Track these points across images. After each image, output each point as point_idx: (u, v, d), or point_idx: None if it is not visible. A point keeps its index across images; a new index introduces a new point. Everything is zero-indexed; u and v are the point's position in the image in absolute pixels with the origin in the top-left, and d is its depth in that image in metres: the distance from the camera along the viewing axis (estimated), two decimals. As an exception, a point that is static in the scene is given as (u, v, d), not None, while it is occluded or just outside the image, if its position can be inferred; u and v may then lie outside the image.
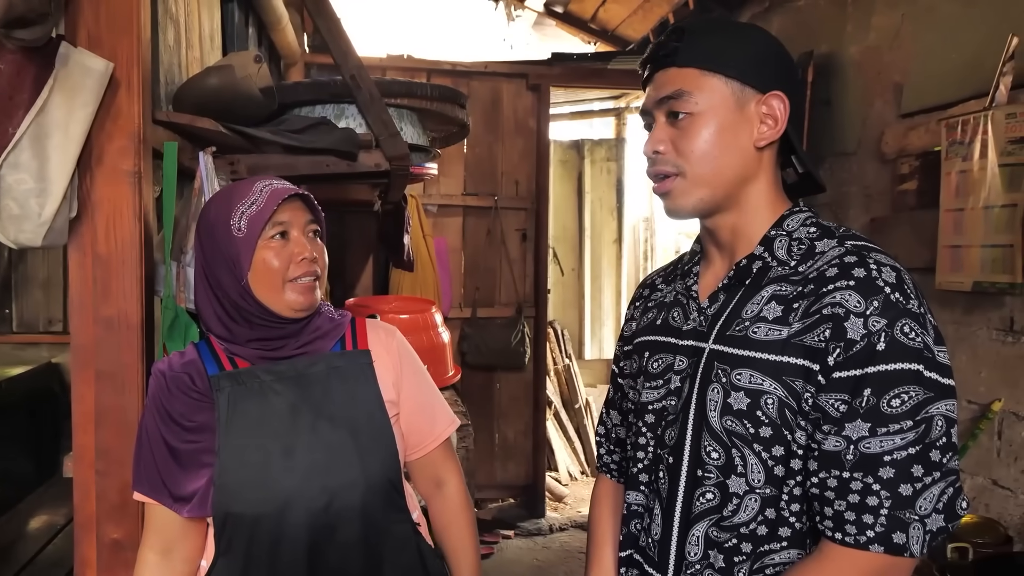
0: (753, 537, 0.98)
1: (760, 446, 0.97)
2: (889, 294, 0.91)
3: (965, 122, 2.41)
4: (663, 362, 1.10)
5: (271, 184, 1.25)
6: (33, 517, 2.79)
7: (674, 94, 1.02)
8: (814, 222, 1.04)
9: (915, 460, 0.88)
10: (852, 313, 0.91)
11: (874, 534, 0.89)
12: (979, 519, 2.42)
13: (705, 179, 1.02)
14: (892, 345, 0.89)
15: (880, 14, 3.00)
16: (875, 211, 3.00)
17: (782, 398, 0.95)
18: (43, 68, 1.31)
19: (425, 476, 1.43)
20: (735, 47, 1.01)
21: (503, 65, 4.45)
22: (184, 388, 1.25)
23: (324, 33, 2.07)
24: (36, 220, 1.33)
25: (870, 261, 0.95)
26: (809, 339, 0.94)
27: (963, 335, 2.58)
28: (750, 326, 0.99)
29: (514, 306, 4.51)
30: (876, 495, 0.89)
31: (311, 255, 1.24)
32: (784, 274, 1.01)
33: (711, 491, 1.00)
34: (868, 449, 0.89)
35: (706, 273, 1.12)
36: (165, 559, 1.28)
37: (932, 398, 0.89)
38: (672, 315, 1.13)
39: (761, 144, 1.02)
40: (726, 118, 1.01)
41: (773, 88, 1.01)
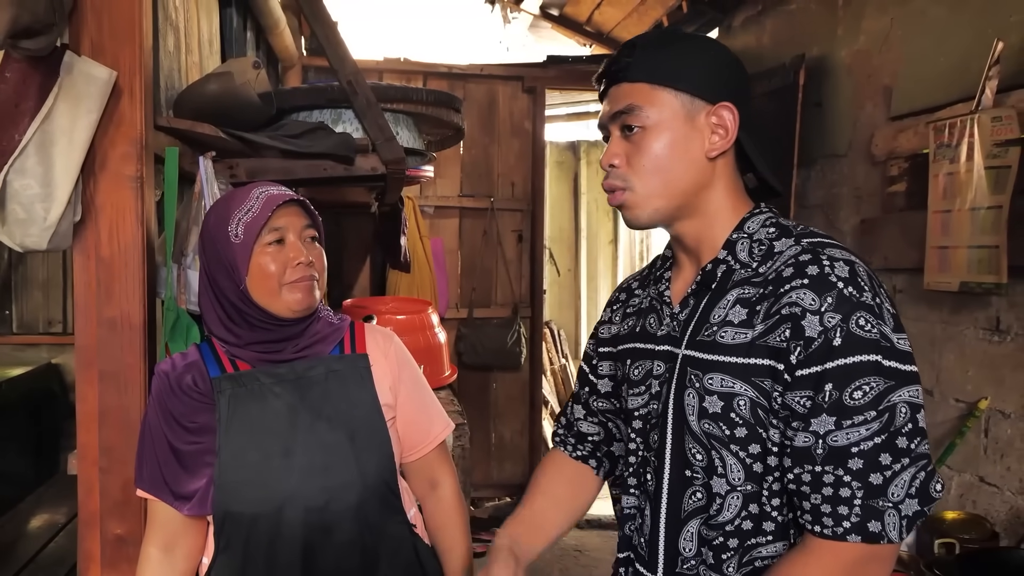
0: (739, 532, 1.01)
1: (737, 446, 1.00)
2: (842, 289, 0.93)
3: (952, 125, 2.45)
4: (643, 368, 1.13)
5: (267, 191, 1.29)
6: (34, 516, 2.82)
7: (626, 108, 1.05)
8: (774, 222, 1.06)
9: (882, 449, 0.90)
10: (808, 311, 0.93)
11: (850, 524, 0.91)
12: (966, 515, 2.46)
13: (656, 191, 1.05)
14: (848, 339, 0.91)
15: (870, 18, 3.04)
16: (865, 212, 3.04)
17: (753, 399, 0.98)
18: (48, 76, 1.35)
19: (420, 478, 1.46)
20: (684, 61, 1.04)
21: (499, 67, 4.48)
22: (186, 389, 1.28)
23: (321, 39, 2.10)
24: (41, 224, 1.37)
25: (823, 258, 0.97)
26: (772, 340, 0.96)
27: (951, 334, 2.62)
28: (718, 330, 1.02)
29: (510, 307, 4.54)
30: (848, 486, 0.91)
31: (307, 259, 1.27)
32: (746, 276, 1.03)
33: (699, 491, 1.03)
34: (836, 442, 0.91)
35: (677, 278, 1.14)
36: (167, 555, 1.31)
37: (893, 386, 0.91)
38: (648, 321, 1.15)
39: (713, 154, 1.05)
40: (677, 130, 1.03)
41: (722, 99, 1.04)
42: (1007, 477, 2.41)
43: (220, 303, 1.29)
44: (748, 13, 3.97)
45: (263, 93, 1.95)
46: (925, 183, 2.57)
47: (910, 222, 2.70)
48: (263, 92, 1.95)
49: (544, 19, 5.31)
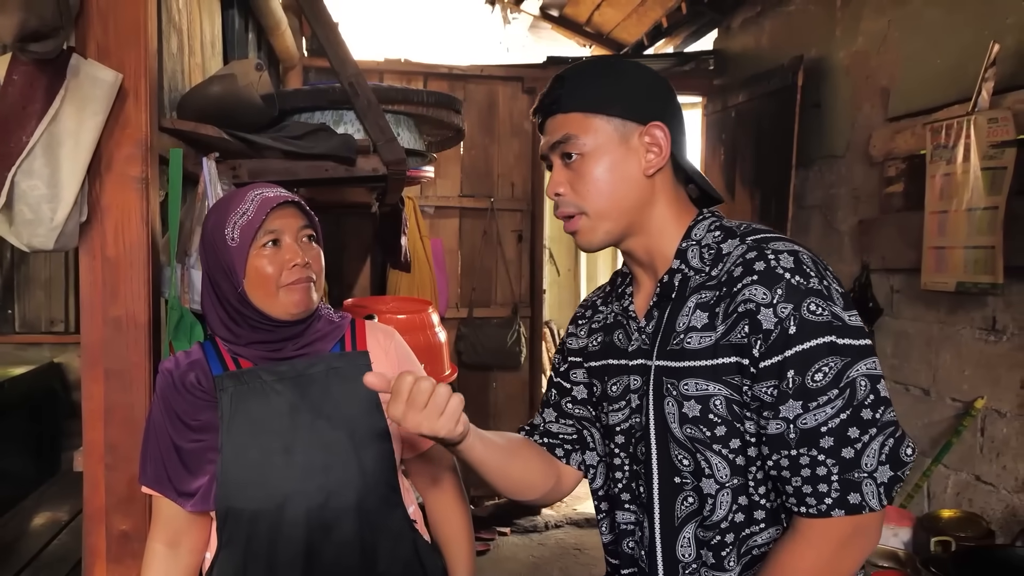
0: (734, 526, 1.05)
1: (719, 445, 1.03)
2: (789, 279, 0.98)
3: (949, 126, 2.47)
4: (621, 384, 1.16)
5: (262, 193, 1.29)
6: (36, 514, 2.83)
7: (563, 139, 1.09)
8: (718, 226, 1.11)
9: (849, 424, 0.95)
10: (762, 305, 0.98)
11: (832, 500, 0.95)
12: (962, 514, 2.48)
13: (605, 213, 1.10)
14: (802, 325, 0.96)
15: (868, 19, 3.05)
16: (863, 213, 3.06)
17: (727, 396, 1.02)
18: (54, 79, 1.36)
19: (422, 474, 1.47)
20: (612, 87, 1.09)
21: (499, 68, 4.50)
22: (189, 387, 1.30)
23: (322, 40, 2.12)
24: (48, 224, 1.39)
25: (768, 252, 1.01)
26: (734, 337, 1.01)
27: (947, 334, 2.64)
28: (684, 337, 1.06)
29: (510, 306, 4.56)
30: (823, 465, 0.95)
31: (303, 261, 1.27)
32: (702, 281, 1.07)
33: (691, 495, 1.06)
34: (805, 424, 0.96)
35: (638, 293, 1.18)
36: (172, 550, 1.33)
37: (850, 362, 0.95)
38: (616, 337, 1.19)
39: (650, 172, 1.09)
40: (614, 153, 1.08)
41: (652, 119, 1.08)
42: (1003, 476, 2.43)
43: (221, 304, 1.30)
44: (747, 14, 3.98)
45: (265, 95, 1.97)
46: (922, 184, 2.59)
47: (907, 223, 2.72)
48: (265, 94, 1.97)
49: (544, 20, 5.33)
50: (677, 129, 1.11)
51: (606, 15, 4.92)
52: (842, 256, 3.18)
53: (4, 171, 1.33)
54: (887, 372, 2.94)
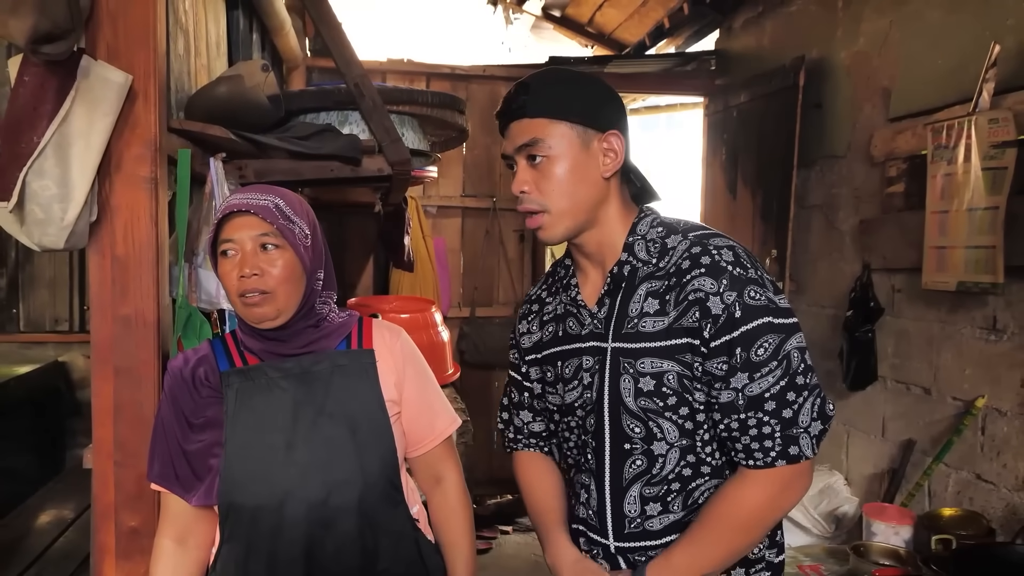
0: (680, 478, 1.21)
1: (670, 412, 1.19)
2: (732, 271, 1.14)
3: (950, 127, 2.48)
4: (573, 365, 1.28)
5: (228, 200, 1.29)
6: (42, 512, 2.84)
7: (530, 142, 1.20)
8: (659, 222, 1.25)
9: (787, 389, 1.12)
10: (710, 294, 1.14)
11: (776, 453, 1.13)
12: (963, 512, 2.50)
13: (566, 211, 1.21)
14: (745, 309, 1.12)
15: (869, 20, 3.07)
16: (864, 213, 3.07)
17: (679, 372, 1.17)
18: (65, 80, 1.38)
19: (425, 473, 1.48)
20: (575, 97, 1.21)
21: (501, 68, 4.51)
22: (197, 383, 1.31)
23: (328, 41, 2.13)
24: (59, 224, 1.40)
25: (711, 248, 1.17)
26: (686, 322, 1.16)
27: (948, 333, 2.66)
28: (639, 322, 1.20)
29: (512, 305, 4.57)
30: (768, 424, 1.12)
31: (251, 272, 1.24)
32: (650, 271, 1.22)
33: (640, 459, 1.21)
34: (751, 392, 1.13)
35: (585, 283, 1.30)
36: (180, 546, 1.35)
37: (785, 338, 1.13)
38: (568, 325, 1.31)
39: (607, 174, 1.22)
40: (575, 157, 1.20)
41: (610, 127, 1.21)
42: (1003, 474, 2.44)
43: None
44: (748, 15, 4.00)
45: (272, 95, 1.98)
46: (923, 184, 2.60)
47: (908, 222, 2.73)
48: (272, 95, 1.98)
49: (546, 20, 5.34)
50: (627, 135, 1.25)
51: (608, 15, 4.93)
52: (843, 256, 3.20)
53: (16, 171, 1.35)
54: (888, 371, 2.95)
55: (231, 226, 1.26)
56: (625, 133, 1.24)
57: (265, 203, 1.26)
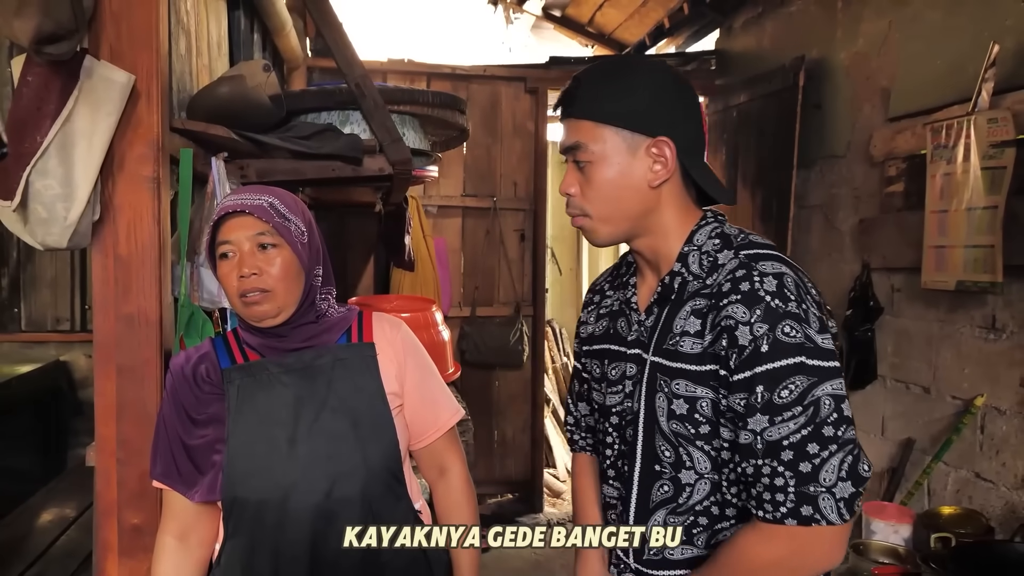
0: (707, 513, 1.13)
1: (702, 442, 1.10)
2: (769, 302, 1.03)
3: (949, 126, 2.48)
4: (619, 370, 1.23)
5: (223, 202, 1.30)
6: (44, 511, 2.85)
7: (574, 145, 1.14)
8: (718, 233, 1.15)
9: (809, 440, 1.00)
10: (740, 323, 1.04)
11: (786, 510, 1.01)
12: (962, 510, 2.50)
13: (608, 219, 1.15)
14: (774, 345, 1.01)
15: (868, 21, 3.07)
16: (864, 212, 3.08)
17: (713, 400, 1.08)
18: (68, 80, 1.39)
19: (429, 464, 1.49)
20: (624, 98, 1.11)
21: (502, 68, 4.52)
22: (199, 380, 1.32)
23: (329, 42, 2.14)
24: (62, 223, 1.41)
25: (754, 274, 1.06)
26: (716, 348, 1.07)
27: (947, 333, 2.66)
28: (679, 340, 1.12)
29: (512, 305, 4.58)
30: (782, 476, 1.01)
31: (250, 271, 1.25)
32: (698, 288, 1.12)
33: (667, 484, 1.14)
34: (770, 437, 1.01)
35: (641, 285, 1.24)
36: (182, 543, 1.36)
37: (816, 382, 1.00)
38: (619, 324, 1.25)
39: (655, 183, 1.13)
40: (620, 164, 1.12)
41: (661, 132, 1.11)
42: (1002, 473, 2.45)
43: None
44: (748, 15, 4.00)
45: (273, 95, 1.99)
46: (922, 184, 2.60)
47: (907, 222, 2.74)
48: (273, 94, 1.99)
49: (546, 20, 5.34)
50: (689, 136, 1.14)
51: (608, 15, 4.94)
52: (843, 255, 3.20)
53: (19, 171, 1.35)
54: (888, 370, 2.96)
55: (227, 228, 1.27)
56: (686, 132, 1.13)
57: (259, 202, 1.27)
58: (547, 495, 4.72)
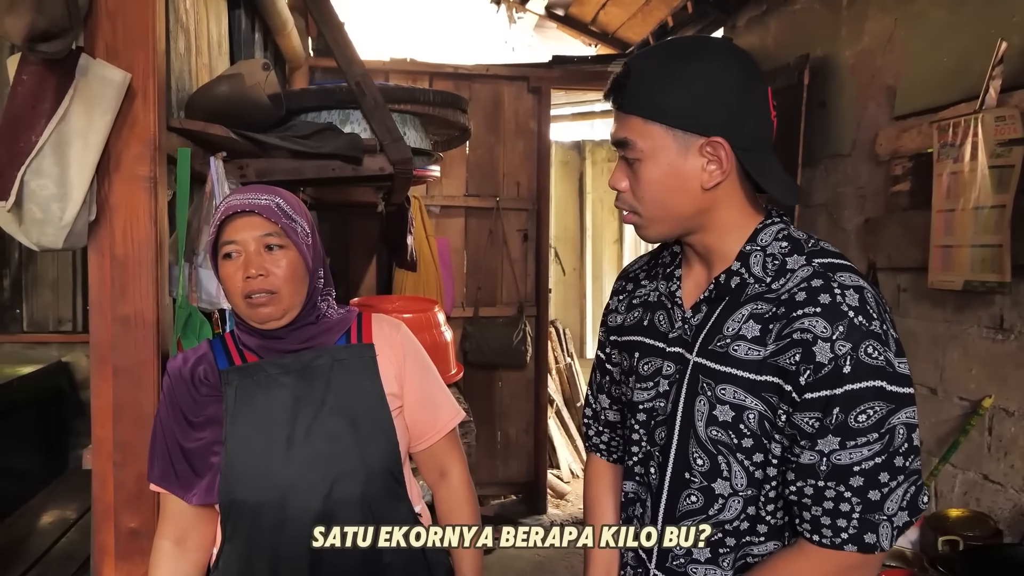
0: (736, 532, 1.07)
1: (742, 455, 1.05)
2: (853, 318, 0.97)
3: (956, 124, 2.46)
4: (652, 366, 1.16)
5: (227, 202, 1.28)
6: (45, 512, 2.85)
7: (622, 141, 1.07)
8: (785, 235, 1.08)
9: (882, 468, 0.96)
10: (820, 338, 0.97)
11: (847, 536, 0.98)
12: (970, 513, 2.47)
13: (658, 219, 1.09)
14: (857, 366, 0.96)
15: (873, 19, 3.05)
16: (869, 211, 3.05)
17: (762, 412, 1.02)
18: (64, 79, 1.37)
19: (430, 466, 1.47)
20: (676, 93, 1.02)
21: (504, 68, 4.50)
22: (196, 382, 1.31)
23: (329, 41, 2.12)
24: (57, 224, 1.39)
25: (834, 286, 1.00)
26: (782, 360, 1.00)
27: (954, 333, 2.64)
28: (731, 343, 1.05)
29: (516, 305, 4.56)
30: (848, 502, 0.97)
31: (257, 272, 1.24)
32: (760, 292, 1.05)
33: (695, 494, 1.08)
34: (839, 461, 0.97)
35: (687, 279, 1.16)
36: (179, 547, 1.34)
37: (894, 409, 0.96)
38: (658, 317, 1.18)
39: (709, 185, 1.04)
40: (671, 164, 1.04)
41: (716, 131, 1.02)
42: (1011, 475, 2.42)
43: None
44: (752, 13, 3.98)
45: (273, 94, 1.97)
46: (929, 182, 2.58)
47: (913, 221, 2.71)
48: (273, 93, 1.97)
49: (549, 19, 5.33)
50: (751, 130, 1.04)
51: (611, 14, 4.92)
52: (848, 255, 3.17)
53: (14, 170, 1.34)
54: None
55: (233, 227, 1.25)
56: (745, 129, 1.03)
57: (267, 202, 1.25)
58: (550, 496, 4.70)
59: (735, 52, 1.09)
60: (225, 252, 1.26)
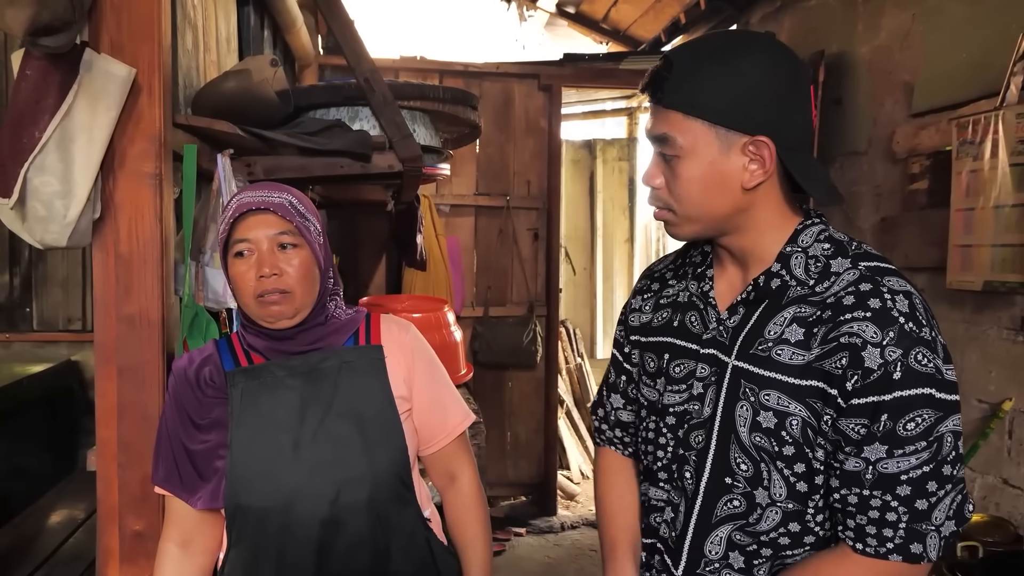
0: (774, 544, 1.04)
1: (782, 463, 1.02)
2: (903, 324, 0.95)
3: (976, 121, 2.41)
4: (685, 368, 1.12)
5: (239, 199, 1.25)
6: (54, 511, 2.84)
7: (660, 137, 1.03)
8: (827, 236, 1.05)
9: (930, 477, 0.94)
10: (869, 343, 0.94)
11: (893, 545, 0.95)
12: (989, 518, 2.43)
13: (694, 217, 1.05)
14: (907, 373, 0.93)
15: (890, 15, 3.00)
16: (885, 210, 3.01)
17: (805, 419, 0.99)
18: (68, 74, 1.35)
19: (439, 470, 1.45)
20: (720, 89, 0.98)
21: (515, 66, 4.47)
22: (202, 384, 1.29)
23: (338, 36, 2.10)
24: (61, 221, 1.37)
25: (884, 290, 0.97)
26: (828, 365, 0.97)
27: (973, 334, 2.59)
28: (773, 347, 1.02)
29: (526, 305, 4.53)
30: (894, 511, 0.95)
31: (270, 272, 1.22)
32: (803, 294, 1.02)
33: (738, 499, 1.05)
34: (886, 469, 0.95)
35: (720, 279, 1.13)
36: (184, 550, 1.32)
37: (942, 417, 0.94)
38: (689, 318, 1.14)
39: (750, 185, 1.01)
40: (712, 162, 1.00)
41: (760, 129, 0.98)
42: (1031, 479, 2.38)
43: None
44: (766, 10, 3.93)
45: (280, 91, 1.95)
46: (947, 181, 2.54)
47: (931, 220, 2.67)
48: (280, 90, 1.95)
49: (560, 17, 5.30)
50: (794, 129, 1.01)
51: (623, 11, 4.88)
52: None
53: (17, 167, 1.32)
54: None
55: (245, 225, 1.23)
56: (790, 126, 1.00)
57: (280, 200, 1.24)
58: (560, 497, 4.67)
59: (782, 48, 1.04)
60: (237, 250, 1.24)
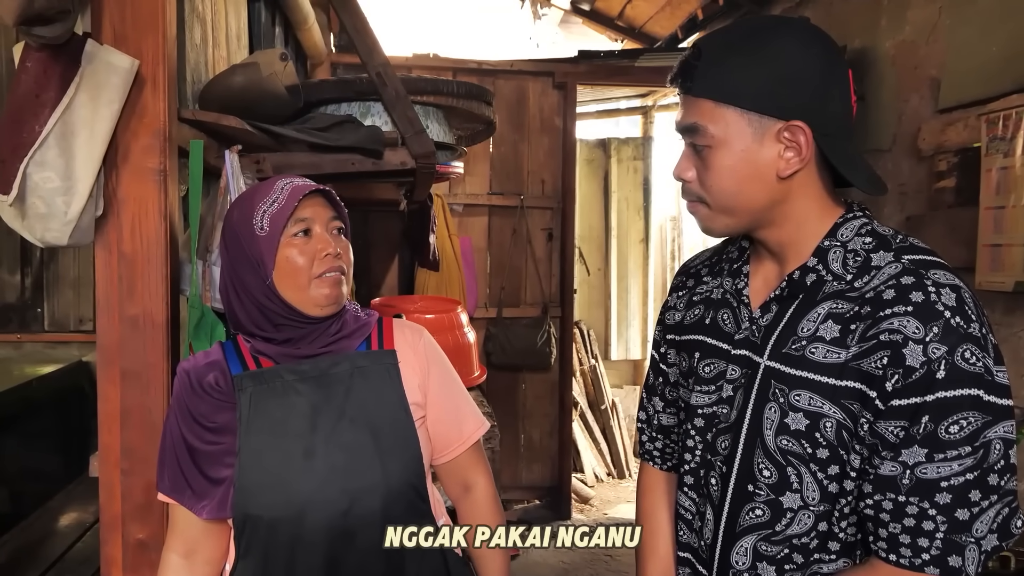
0: (804, 549, 0.99)
1: (816, 466, 0.96)
2: (949, 319, 0.88)
3: (1007, 117, 2.34)
4: (714, 368, 1.09)
5: (292, 182, 1.24)
6: (63, 514, 2.81)
7: (690, 127, 0.99)
8: (869, 230, 0.99)
9: (973, 485, 0.88)
10: (911, 340, 0.88)
11: (929, 557, 0.89)
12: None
13: (728, 209, 1.01)
14: (952, 372, 0.87)
15: (916, 7, 2.93)
16: (910, 209, 2.93)
17: (840, 421, 0.94)
18: (69, 66, 1.30)
19: (453, 479, 1.40)
20: (751, 73, 0.94)
21: (529, 63, 4.42)
22: (208, 388, 1.24)
23: (350, 30, 2.05)
24: (62, 219, 1.33)
25: (928, 283, 0.91)
26: (866, 364, 0.92)
27: (1004, 336, 2.51)
28: (807, 345, 0.97)
29: (540, 306, 4.48)
30: (932, 520, 0.89)
31: (334, 251, 1.23)
32: (840, 289, 0.97)
33: (760, 508, 1.01)
34: (925, 475, 0.89)
35: (756, 275, 1.09)
36: (188, 561, 1.27)
37: (991, 422, 0.87)
38: (721, 316, 1.11)
39: (786, 174, 0.97)
40: (745, 151, 0.96)
41: (796, 115, 0.94)
42: (1065, 487, 2.30)
43: (243, 301, 1.24)
44: (786, 4, 3.87)
45: (290, 85, 1.90)
46: (975, 178, 2.47)
47: (959, 219, 2.60)
48: (290, 84, 1.90)
49: (575, 14, 5.25)
50: (832, 115, 0.96)
51: (638, 8, 4.82)
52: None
53: (16, 162, 1.27)
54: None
55: (307, 205, 1.23)
56: (828, 112, 0.96)
57: (326, 189, 1.26)
58: (575, 501, 4.62)
59: (815, 30, 0.99)
60: (302, 228, 1.22)
